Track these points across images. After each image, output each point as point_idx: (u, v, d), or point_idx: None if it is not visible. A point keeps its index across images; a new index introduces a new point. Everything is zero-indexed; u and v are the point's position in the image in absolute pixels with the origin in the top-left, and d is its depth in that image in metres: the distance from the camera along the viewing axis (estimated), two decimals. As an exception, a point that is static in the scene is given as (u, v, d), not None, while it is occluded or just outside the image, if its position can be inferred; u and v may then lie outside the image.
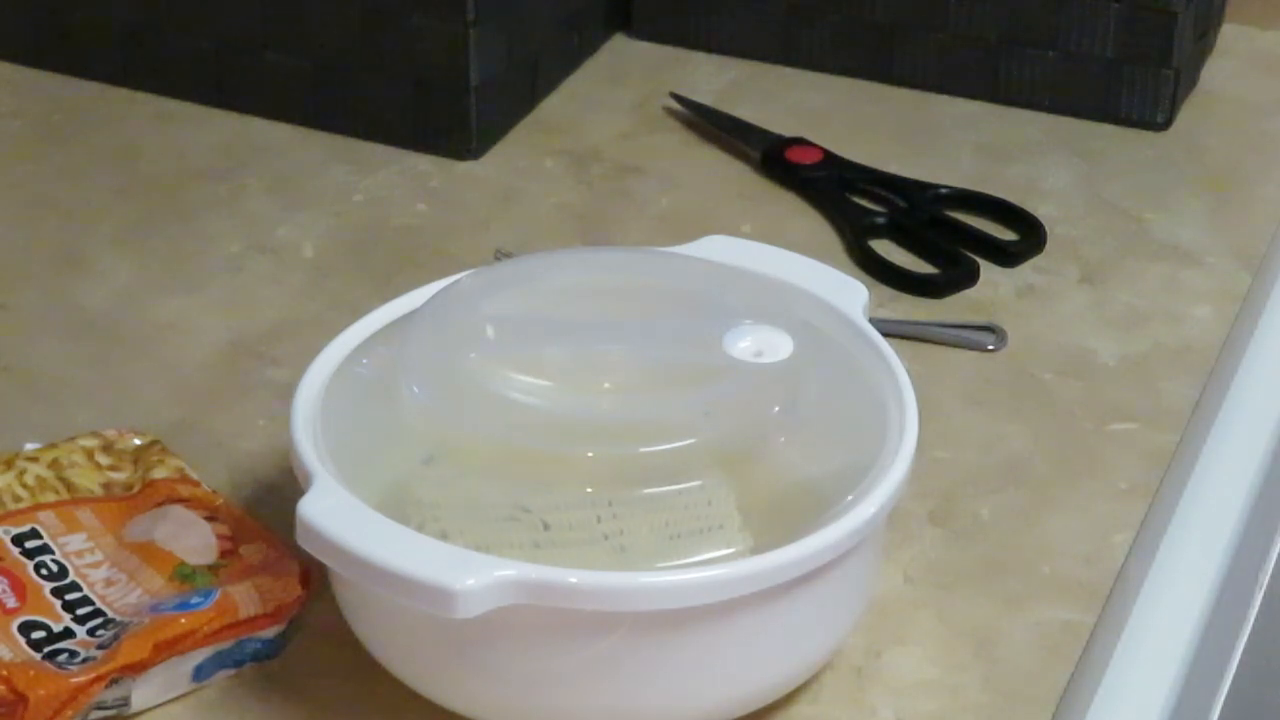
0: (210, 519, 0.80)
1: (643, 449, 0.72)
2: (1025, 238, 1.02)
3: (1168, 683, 0.85)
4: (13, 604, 0.75)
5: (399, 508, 0.71)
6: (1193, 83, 1.15)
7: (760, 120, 1.11)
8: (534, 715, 0.72)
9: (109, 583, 0.77)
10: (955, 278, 0.99)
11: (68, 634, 0.75)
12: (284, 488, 0.80)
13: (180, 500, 0.80)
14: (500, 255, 0.99)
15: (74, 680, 0.71)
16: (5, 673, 0.70)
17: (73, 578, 0.77)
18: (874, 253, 1.00)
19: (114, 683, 0.72)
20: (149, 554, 0.78)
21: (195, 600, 0.74)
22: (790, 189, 1.07)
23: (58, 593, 0.76)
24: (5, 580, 0.76)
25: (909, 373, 0.78)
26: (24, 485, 0.80)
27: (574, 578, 0.68)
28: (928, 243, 1.01)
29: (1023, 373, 0.93)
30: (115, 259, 1.00)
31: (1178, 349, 0.95)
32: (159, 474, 0.81)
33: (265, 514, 0.81)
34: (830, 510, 0.71)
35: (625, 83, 1.16)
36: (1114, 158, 1.10)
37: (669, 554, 0.70)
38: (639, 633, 0.69)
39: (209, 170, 1.08)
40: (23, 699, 0.70)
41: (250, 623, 0.75)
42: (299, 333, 0.94)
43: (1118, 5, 1.09)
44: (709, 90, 1.15)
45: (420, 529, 0.69)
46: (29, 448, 0.83)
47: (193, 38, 1.11)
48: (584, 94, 1.15)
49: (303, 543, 0.70)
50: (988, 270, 1.00)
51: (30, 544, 0.78)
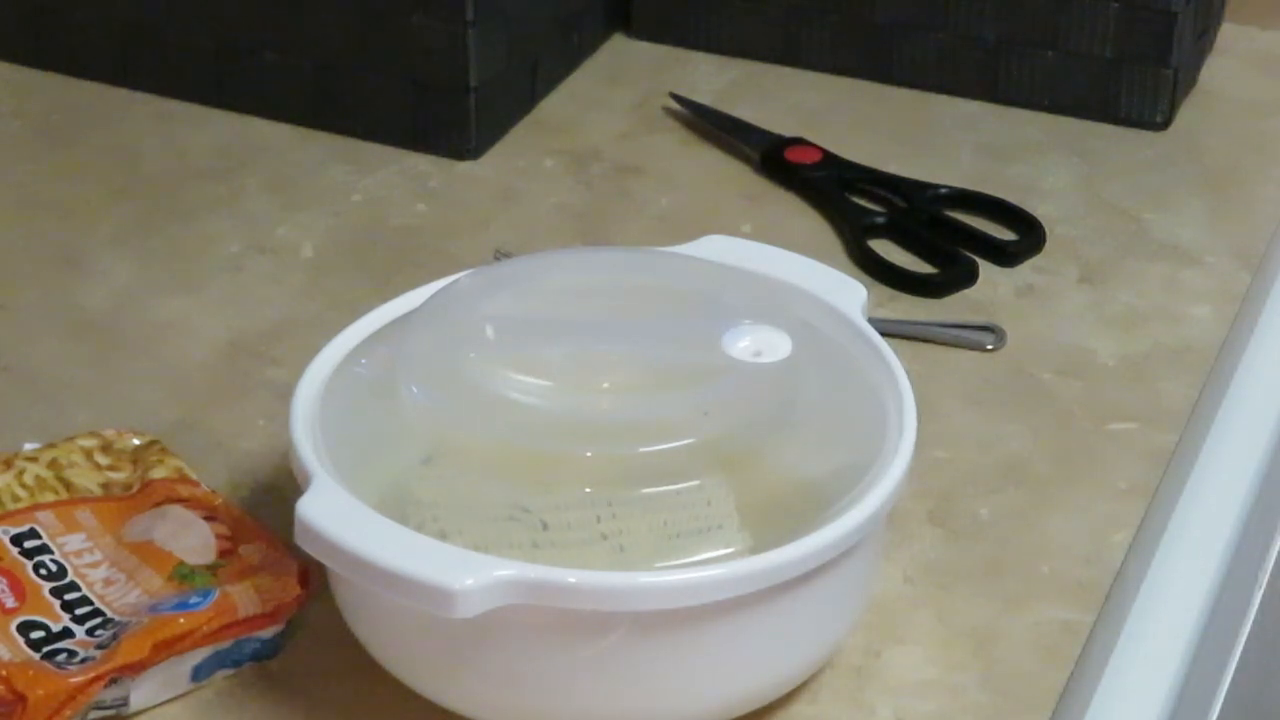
0: (209, 519, 0.80)
1: (642, 449, 0.72)
2: (1024, 237, 1.02)
3: (1167, 682, 0.85)
4: (12, 604, 0.75)
5: (398, 507, 0.71)
6: (1192, 82, 1.15)
7: (760, 120, 1.11)
8: (533, 715, 0.72)
9: (108, 582, 0.77)
10: (954, 277, 0.99)
11: (66, 634, 0.75)
12: (283, 488, 0.80)
13: (179, 500, 0.80)
14: (500, 255, 0.99)
15: (73, 680, 0.71)
16: (4, 672, 0.70)
17: (71, 577, 0.77)
18: (873, 252, 1.00)
19: (113, 682, 0.72)
20: (148, 554, 0.78)
21: (194, 600, 0.74)
22: (790, 189, 1.07)
23: (56, 592, 0.76)
24: (4, 580, 0.76)
25: (908, 372, 0.78)
26: (23, 485, 0.80)
27: (573, 578, 0.67)
28: (927, 242, 1.01)
29: (1022, 372, 0.93)
30: (115, 259, 1.00)
31: (1177, 349, 0.95)
32: (158, 474, 0.81)
33: (264, 514, 0.81)
34: (829, 510, 0.71)
35: (625, 83, 1.16)
36: (1113, 157, 1.10)
37: (668, 554, 0.70)
38: (638, 633, 0.69)
39: (209, 170, 1.08)
40: (21, 699, 0.70)
41: (249, 623, 0.75)
42: (298, 333, 0.94)
43: (1117, 5, 1.09)
44: (708, 90, 1.15)
45: (419, 529, 0.69)
46: (28, 448, 0.83)
47: (193, 38, 1.11)
48: (583, 94, 1.15)
49: (301, 543, 0.70)
50: (987, 270, 1.00)
51: (29, 544, 0.78)
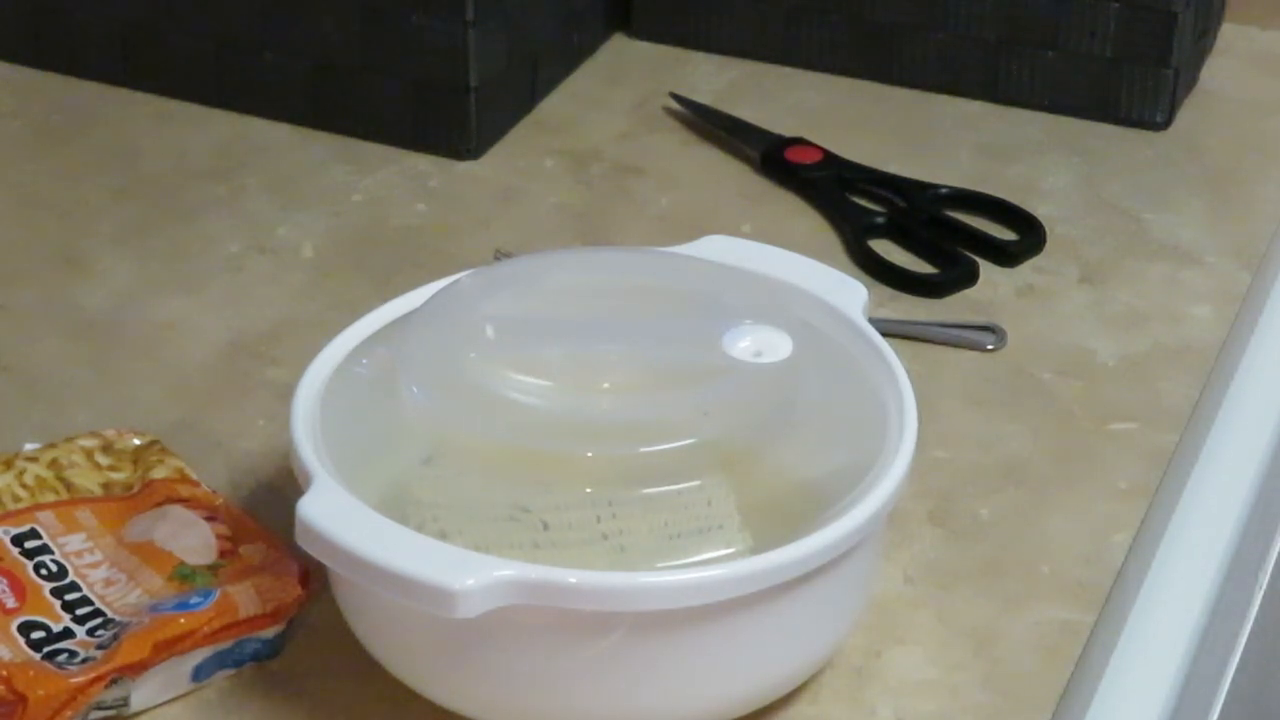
0: (210, 519, 0.80)
1: (642, 449, 0.72)
2: (1025, 237, 1.02)
3: (1167, 682, 0.85)
4: (12, 604, 0.75)
5: (398, 508, 0.71)
6: (1192, 82, 1.15)
7: (760, 120, 1.11)
8: (533, 715, 0.72)
9: (108, 583, 0.77)
10: (955, 277, 0.99)
11: (67, 634, 0.75)
12: (283, 488, 0.80)
13: (180, 500, 0.80)
14: (500, 255, 0.99)
15: (73, 680, 0.71)
16: (5, 673, 0.70)
17: (72, 578, 0.77)
18: (874, 252, 1.00)
19: (113, 683, 0.72)
20: (148, 554, 0.78)
21: (195, 600, 0.74)
22: (790, 189, 1.07)
23: (57, 593, 0.76)
24: (5, 580, 0.76)
25: (908, 372, 0.77)
26: (23, 485, 0.80)
27: (573, 578, 0.67)
28: (927, 242, 1.01)
29: (1022, 373, 0.93)
30: (115, 259, 1.00)
31: (1177, 349, 0.95)
32: (158, 474, 0.81)
33: (265, 514, 0.81)
34: (830, 510, 0.71)
35: (625, 82, 1.16)
36: (1113, 157, 1.10)
37: (668, 554, 0.70)
38: (638, 633, 0.69)
39: (208, 170, 1.07)
40: (22, 699, 0.70)
41: (250, 623, 0.75)
42: (299, 333, 0.94)
43: (1117, 5, 1.09)
44: (709, 90, 1.15)
45: (420, 529, 0.69)
46: (28, 448, 0.83)
47: (193, 38, 1.11)
48: (584, 94, 1.15)
49: (302, 543, 0.70)
50: (987, 270, 1.00)
51: (30, 544, 0.78)
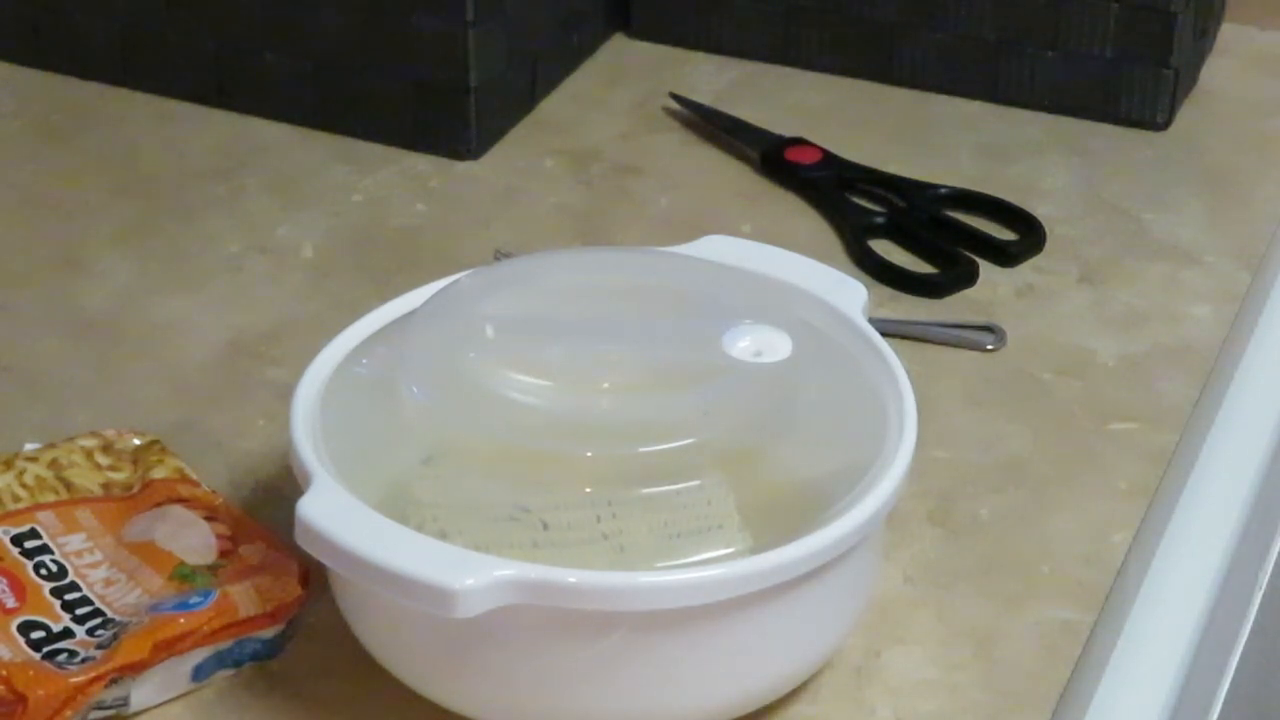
0: (209, 519, 0.80)
1: (642, 449, 0.72)
2: (1025, 238, 1.02)
3: (1167, 682, 0.85)
4: (12, 604, 0.75)
5: (398, 507, 0.71)
6: (1192, 82, 1.15)
7: (759, 120, 1.11)
8: (533, 715, 0.72)
9: (108, 582, 0.77)
10: (954, 277, 0.99)
11: (67, 634, 0.75)
12: (283, 488, 0.81)
13: (180, 500, 0.80)
14: (500, 255, 0.99)
15: (73, 680, 0.71)
16: (4, 673, 0.70)
17: (72, 578, 0.77)
18: (873, 252, 1.00)
19: (113, 683, 0.72)
20: (148, 554, 0.78)
21: (194, 600, 0.74)
22: (789, 189, 1.07)
23: (57, 593, 0.76)
24: (5, 580, 0.76)
25: (908, 372, 0.78)
26: (23, 485, 0.80)
27: (573, 577, 0.67)
28: (927, 243, 1.01)
29: (1022, 372, 0.93)
30: (115, 259, 1.00)
31: (1177, 349, 0.95)
32: (158, 474, 0.81)
33: (265, 514, 0.81)
34: (829, 510, 0.71)
35: (625, 83, 1.16)
36: (1113, 157, 1.10)
37: (668, 554, 0.70)
38: (638, 633, 0.69)
39: (209, 170, 1.08)
40: (22, 699, 0.70)
41: (249, 623, 0.75)
42: (299, 333, 0.94)
43: (1117, 5, 1.09)
44: (708, 90, 1.15)
45: (419, 529, 0.69)
46: (28, 448, 0.83)
47: (193, 38, 1.11)
48: (583, 94, 1.15)
49: (302, 542, 0.70)
50: (987, 270, 1.00)
51: (29, 544, 0.78)
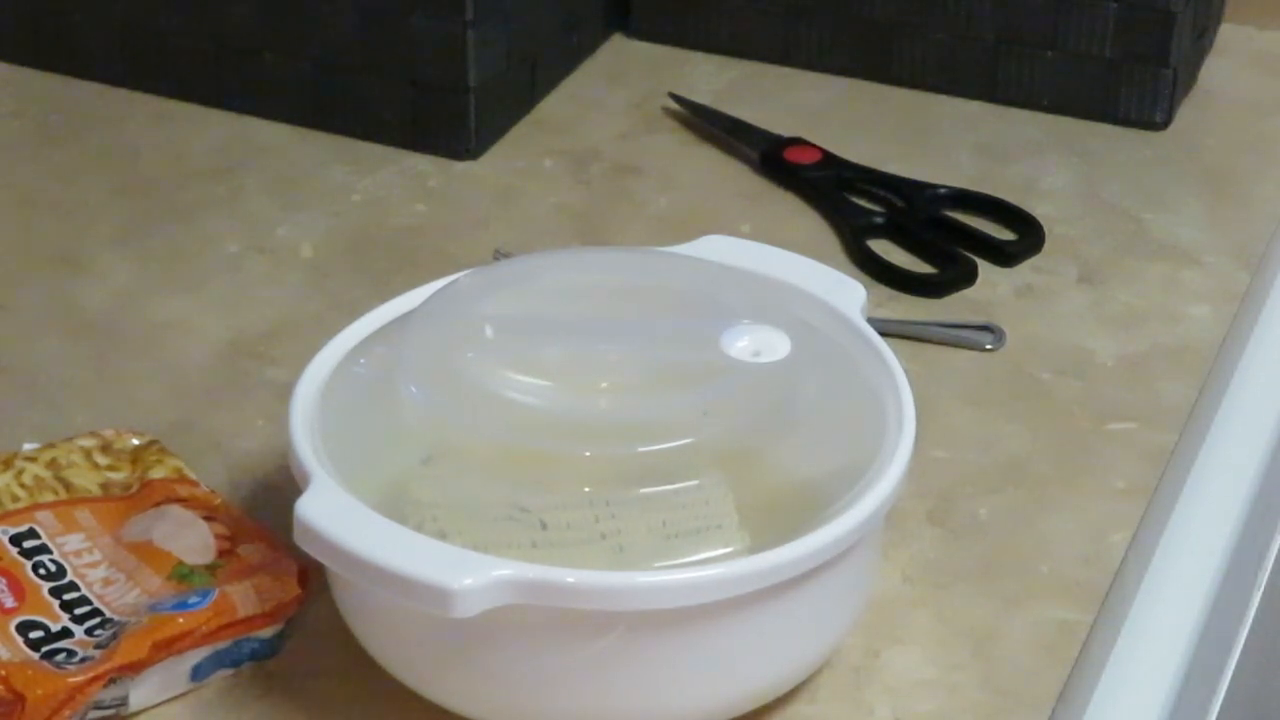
0: (208, 519, 0.80)
1: (641, 449, 0.72)
2: (1024, 237, 1.02)
3: (1166, 682, 0.85)
4: (11, 604, 0.75)
5: (397, 507, 0.71)
6: (1191, 82, 1.15)
7: (759, 120, 1.11)
8: (532, 715, 0.72)
9: (107, 582, 0.77)
10: (954, 277, 0.99)
11: (66, 634, 0.75)
12: (282, 488, 0.80)
13: (178, 500, 0.80)
14: (499, 255, 0.99)
15: (72, 680, 0.71)
16: (3, 672, 0.70)
17: (71, 577, 0.77)
18: (872, 252, 1.00)
19: (112, 682, 0.72)
20: (147, 554, 0.78)
21: (193, 600, 0.74)
22: (789, 189, 1.07)
23: (56, 592, 0.76)
24: (3, 580, 0.76)
25: (907, 372, 0.78)
26: (22, 485, 0.80)
27: (571, 577, 0.67)
28: (926, 242, 1.01)
29: (1021, 372, 0.93)
30: (114, 259, 1.00)
31: (1176, 349, 0.95)
32: (157, 474, 0.81)
33: (263, 514, 0.81)
34: (828, 509, 0.71)
35: (624, 82, 1.16)
36: (1113, 157, 1.10)
37: (667, 553, 0.70)
38: (637, 632, 0.69)
39: (208, 170, 1.08)
40: (20, 699, 0.70)
41: (248, 622, 0.75)
42: (298, 333, 0.94)
43: (1117, 5, 1.09)
44: (708, 90, 1.15)
45: (418, 529, 0.69)
46: (27, 448, 0.83)
47: (192, 38, 1.11)
48: (583, 94, 1.15)
49: (301, 542, 0.70)
50: (986, 270, 1.00)
51: (28, 544, 0.78)
